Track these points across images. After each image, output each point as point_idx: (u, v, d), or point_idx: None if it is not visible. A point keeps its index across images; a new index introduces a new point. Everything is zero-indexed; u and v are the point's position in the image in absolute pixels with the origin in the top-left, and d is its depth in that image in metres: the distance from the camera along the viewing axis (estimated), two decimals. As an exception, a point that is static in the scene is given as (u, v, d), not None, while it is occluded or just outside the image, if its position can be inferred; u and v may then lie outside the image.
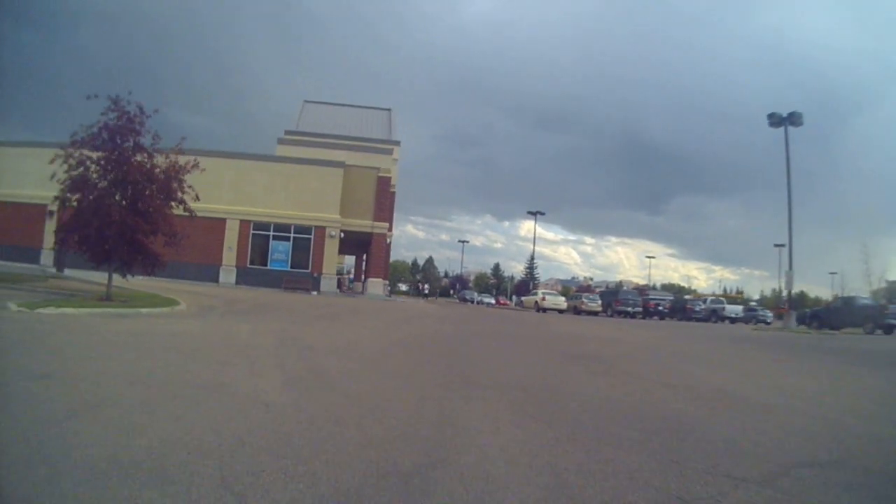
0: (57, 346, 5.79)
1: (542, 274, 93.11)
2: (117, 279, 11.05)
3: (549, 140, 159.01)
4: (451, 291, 77.56)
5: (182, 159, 10.72)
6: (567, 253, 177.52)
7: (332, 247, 25.80)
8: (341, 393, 4.48)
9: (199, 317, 10.12)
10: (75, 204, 10.19)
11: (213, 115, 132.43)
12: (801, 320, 28.33)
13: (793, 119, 26.83)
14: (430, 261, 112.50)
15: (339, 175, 25.88)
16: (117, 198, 9.98)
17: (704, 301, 36.40)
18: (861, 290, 35.72)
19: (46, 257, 22.46)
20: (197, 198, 10.98)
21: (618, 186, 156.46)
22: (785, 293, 31.75)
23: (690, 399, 5.24)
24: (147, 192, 10.20)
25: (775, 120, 27.14)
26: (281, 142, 31.07)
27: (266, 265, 25.41)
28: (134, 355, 5.51)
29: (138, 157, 10.25)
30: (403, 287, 76.87)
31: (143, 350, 5.90)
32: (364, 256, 38.17)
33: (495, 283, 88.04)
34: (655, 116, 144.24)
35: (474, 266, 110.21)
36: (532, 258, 78.96)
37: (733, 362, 9.48)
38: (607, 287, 65.03)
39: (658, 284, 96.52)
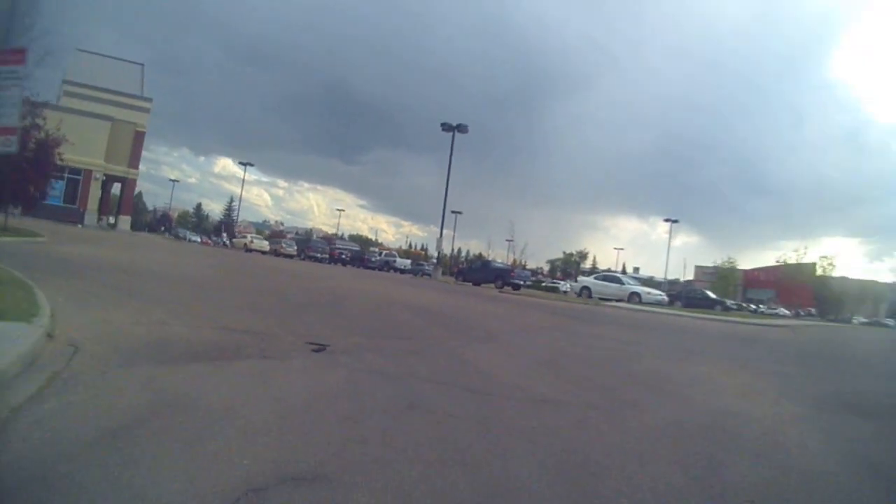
0: (51, 256, 14.29)
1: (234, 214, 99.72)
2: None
3: (256, 78, 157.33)
4: (162, 227, 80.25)
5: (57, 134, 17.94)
6: (259, 195, 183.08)
7: (96, 188, 31.48)
8: (208, 277, 14.76)
9: (60, 244, 17.93)
10: None
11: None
12: (454, 275, 42.42)
13: (460, 128, 37.68)
14: (139, 196, 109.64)
15: (107, 128, 31.44)
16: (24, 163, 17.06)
17: (380, 254, 51.19)
18: (521, 256, 53.74)
19: None
20: (61, 159, 18.41)
21: (317, 133, 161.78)
22: (436, 254, 47.70)
23: (301, 285, 16.93)
24: (38, 158, 17.47)
25: (446, 128, 37.58)
26: (66, 93, 33.55)
27: (45, 200, 29.65)
28: (95, 252, 14.54)
29: (35, 135, 17.34)
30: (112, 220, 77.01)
31: (94, 255, 14.84)
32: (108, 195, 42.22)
33: (197, 222, 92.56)
34: (365, 69, 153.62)
35: (170, 200, 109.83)
36: (231, 201, 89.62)
37: (352, 281, 21.81)
38: (297, 233, 78.04)
39: (346, 234, 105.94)
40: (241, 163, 65.31)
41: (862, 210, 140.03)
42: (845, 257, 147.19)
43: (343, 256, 45.25)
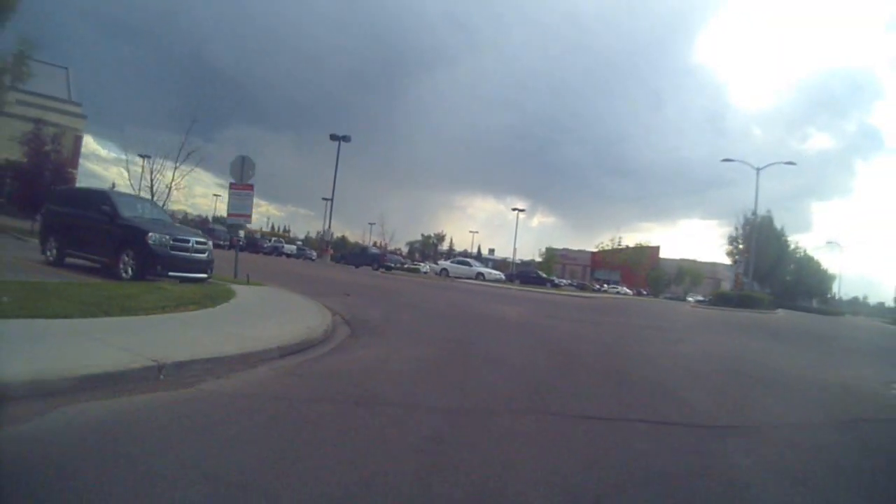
0: None
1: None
2: None
3: (118, 51, 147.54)
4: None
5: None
6: (119, 173, 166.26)
7: (41, 189, 36.08)
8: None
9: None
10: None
11: None
12: (336, 259, 51.17)
13: (345, 138, 47.38)
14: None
15: (52, 133, 35.97)
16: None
17: (270, 240, 58.81)
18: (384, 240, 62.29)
19: None
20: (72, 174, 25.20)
21: (176, 108, 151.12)
22: (324, 239, 55.82)
23: (275, 269, 25.66)
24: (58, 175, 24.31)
25: (335, 137, 47.23)
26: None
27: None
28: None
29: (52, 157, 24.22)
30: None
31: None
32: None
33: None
34: (225, 43, 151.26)
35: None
36: (113, 186, 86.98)
37: (287, 265, 30.40)
38: (173, 215, 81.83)
39: (210, 216, 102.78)
40: (140, 155, 65.89)
41: (719, 193, 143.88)
42: (702, 239, 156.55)
43: (241, 243, 51.12)
